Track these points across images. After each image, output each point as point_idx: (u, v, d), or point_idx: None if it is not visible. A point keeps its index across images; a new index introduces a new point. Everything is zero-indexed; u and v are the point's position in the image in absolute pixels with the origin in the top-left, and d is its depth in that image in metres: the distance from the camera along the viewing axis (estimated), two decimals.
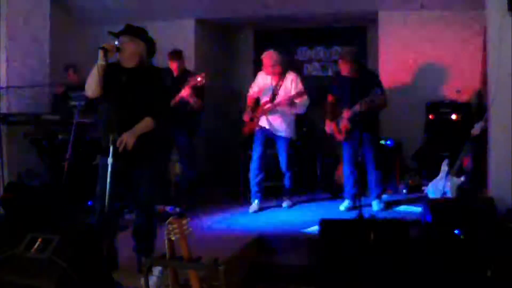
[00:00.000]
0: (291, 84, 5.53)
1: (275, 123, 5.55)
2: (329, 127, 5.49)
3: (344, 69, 5.35)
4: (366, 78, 5.32)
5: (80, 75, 5.85)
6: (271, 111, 5.53)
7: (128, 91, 3.58)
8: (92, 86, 3.57)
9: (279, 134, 5.59)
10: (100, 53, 3.43)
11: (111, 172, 3.24)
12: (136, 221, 3.83)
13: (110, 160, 3.24)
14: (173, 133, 5.57)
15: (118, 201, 4.28)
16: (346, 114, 5.31)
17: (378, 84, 5.29)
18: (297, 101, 5.49)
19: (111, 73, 3.55)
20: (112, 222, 3.63)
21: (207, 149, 7.33)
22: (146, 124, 3.60)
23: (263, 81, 5.66)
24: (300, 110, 5.60)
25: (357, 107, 5.16)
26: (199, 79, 5.26)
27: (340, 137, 5.44)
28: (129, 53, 3.63)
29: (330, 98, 5.56)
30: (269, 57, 5.54)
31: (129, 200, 4.32)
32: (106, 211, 3.33)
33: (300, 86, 5.52)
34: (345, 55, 5.40)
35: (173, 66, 5.70)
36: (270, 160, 5.84)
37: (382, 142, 6.07)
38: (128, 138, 3.49)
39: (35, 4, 6.10)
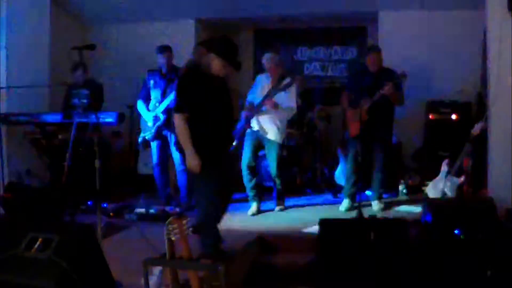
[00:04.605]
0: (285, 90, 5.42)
1: (265, 125, 5.42)
2: (351, 122, 5.45)
3: (373, 60, 5.31)
4: (386, 73, 5.31)
5: (88, 74, 5.82)
6: (260, 111, 5.40)
7: (222, 96, 3.89)
8: None
9: (268, 137, 5.45)
10: None
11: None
12: None
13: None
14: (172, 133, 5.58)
15: None
16: (365, 104, 5.21)
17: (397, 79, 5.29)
18: (283, 106, 5.40)
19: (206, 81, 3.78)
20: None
21: None
22: None
23: (261, 85, 5.59)
24: (284, 114, 5.48)
25: (378, 95, 5.12)
26: None
27: (354, 130, 5.36)
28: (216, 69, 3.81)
29: (346, 92, 5.52)
30: (270, 60, 5.48)
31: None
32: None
33: (292, 95, 5.43)
34: (375, 46, 5.49)
35: (163, 60, 5.54)
36: (265, 161, 5.83)
37: None
38: None
39: (35, 4, 6.10)
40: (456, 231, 3.73)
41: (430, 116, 6.41)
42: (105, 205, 5.23)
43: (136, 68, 7.18)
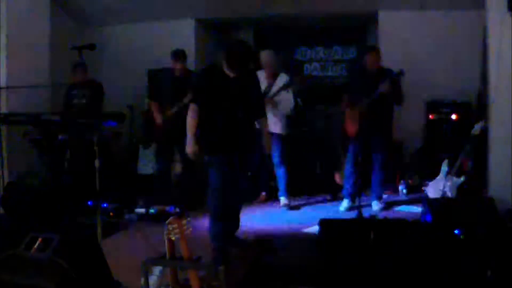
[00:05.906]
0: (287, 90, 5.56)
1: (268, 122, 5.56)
2: (350, 122, 5.45)
3: (372, 60, 5.33)
4: (385, 72, 5.32)
5: (88, 74, 5.81)
6: None
7: (236, 96, 4.06)
8: None
9: (271, 130, 5.56)
10: None
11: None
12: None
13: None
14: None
15: None
16: (364, 103, 5.22)
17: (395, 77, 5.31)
18: (280, 100, 5.54)
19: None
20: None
21: None
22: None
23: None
24: (283, 110, 5.63)
25: (376, 93, 5.14)
26: None
27: (353, 129, 5.38)
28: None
29: (347, 93, 5.53)
30: (268, 56, 5.60)
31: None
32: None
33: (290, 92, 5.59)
34: (373, 46, 5.56)
35: (177, 66, 5.63)
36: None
37: None
38: None
39: (35, 4, 6.09)
40: (456, 231, 3.73)
41: (430, 116, 6.41)
42: (105, 205, 5.23)
43: (136, 68, 7.19)
